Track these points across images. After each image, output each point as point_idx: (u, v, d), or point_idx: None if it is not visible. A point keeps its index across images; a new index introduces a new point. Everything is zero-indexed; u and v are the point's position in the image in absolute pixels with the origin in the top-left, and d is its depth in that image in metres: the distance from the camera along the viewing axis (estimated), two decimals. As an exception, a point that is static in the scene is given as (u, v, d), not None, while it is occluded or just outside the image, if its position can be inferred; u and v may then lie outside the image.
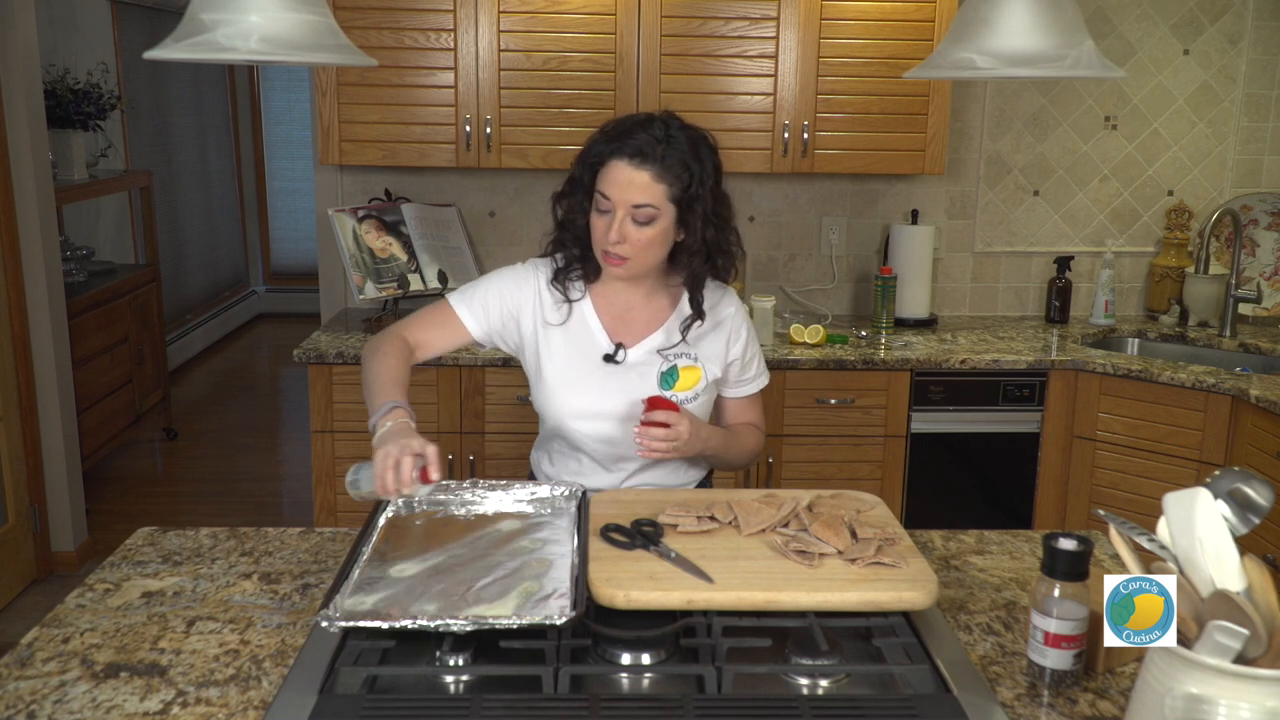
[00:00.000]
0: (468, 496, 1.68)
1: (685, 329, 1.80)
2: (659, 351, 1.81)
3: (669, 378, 1.80)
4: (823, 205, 3.51)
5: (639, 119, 1.73)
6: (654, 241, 1.71)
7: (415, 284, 3.15)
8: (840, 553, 1.45)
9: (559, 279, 1.81)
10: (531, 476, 2.00)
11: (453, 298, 1.83)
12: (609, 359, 1.80)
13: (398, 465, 1.46)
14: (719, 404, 1.93)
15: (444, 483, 1.65)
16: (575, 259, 1.80)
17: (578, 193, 1.76)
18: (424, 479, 1.49)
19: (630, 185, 1.67)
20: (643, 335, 1.81)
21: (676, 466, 1.87)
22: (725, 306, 1.86)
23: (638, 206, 1.68)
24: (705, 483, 1.96)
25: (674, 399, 1.79)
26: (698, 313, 1.79)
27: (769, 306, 3.09)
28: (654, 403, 1.72)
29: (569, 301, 1.81)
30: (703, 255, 1.74)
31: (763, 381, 1.93)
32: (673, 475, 1.88)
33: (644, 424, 1.69)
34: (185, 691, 1.25)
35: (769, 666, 1.31)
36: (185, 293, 6.56)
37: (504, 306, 1.82)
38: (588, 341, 1.81)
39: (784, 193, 3.50)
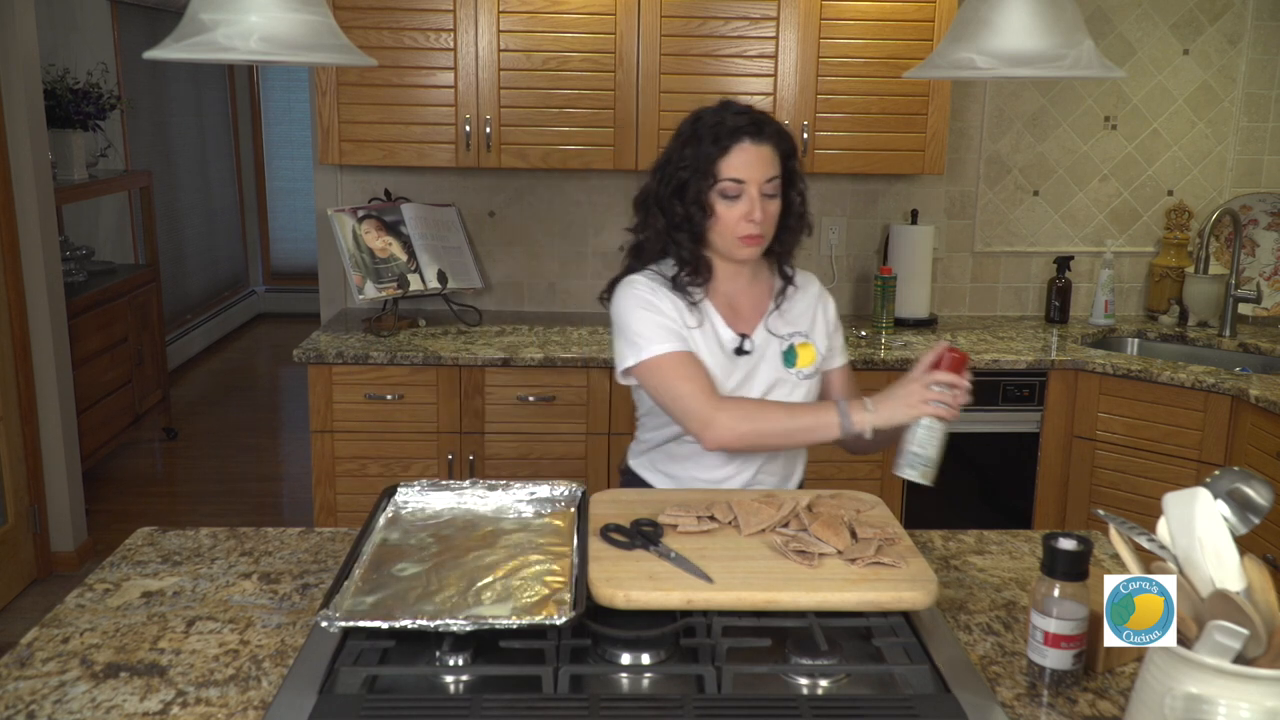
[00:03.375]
0: (468, 496, 1.68)
1: (779, 297, 1.85)
2: (774, 332, 1.84)
3: (790, 356, 1.84)
4: (823, 205, 3.51)
5: (713, 110, 1.77)
6: (777, 214, 1.77)
7: (415, 284, 3.15)
8: (840, 553, 1.45)
9: (680, 285, 1.80)
10: (624, 482, 1.99)
11: (661, 346, 1.74)
12: (739, 351, 1.82)
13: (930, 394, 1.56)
14: (827, 383, 1.93)
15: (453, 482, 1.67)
16: (687, 261, 1.80)
17: (693, 190, 1.75)
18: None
19: (760, 161, 1.73)
20: (755, 320, 1.85)
21: (789, 459, 1.89)
22: (811, 283, 1.92)
23: (769, 180, 1.73)
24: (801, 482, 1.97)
25: (798, 374, 1.83)
26: (789, 279, 1.86)
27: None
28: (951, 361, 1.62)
29: (694, 304, 1.81)
30: (801, 223, 1.82)
31: (848, 354, 1.98)
32: (785, 466, 1.89)
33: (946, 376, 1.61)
34: (185, 691, 1.25)
35: (769, 666, 1.31)
36: (185, 293, 6.56)
37: (677, 321, 1.78)
38: (717, 340, 1.82)
39: (784, 193, 3.50)
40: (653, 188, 1.81)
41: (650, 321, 1.76)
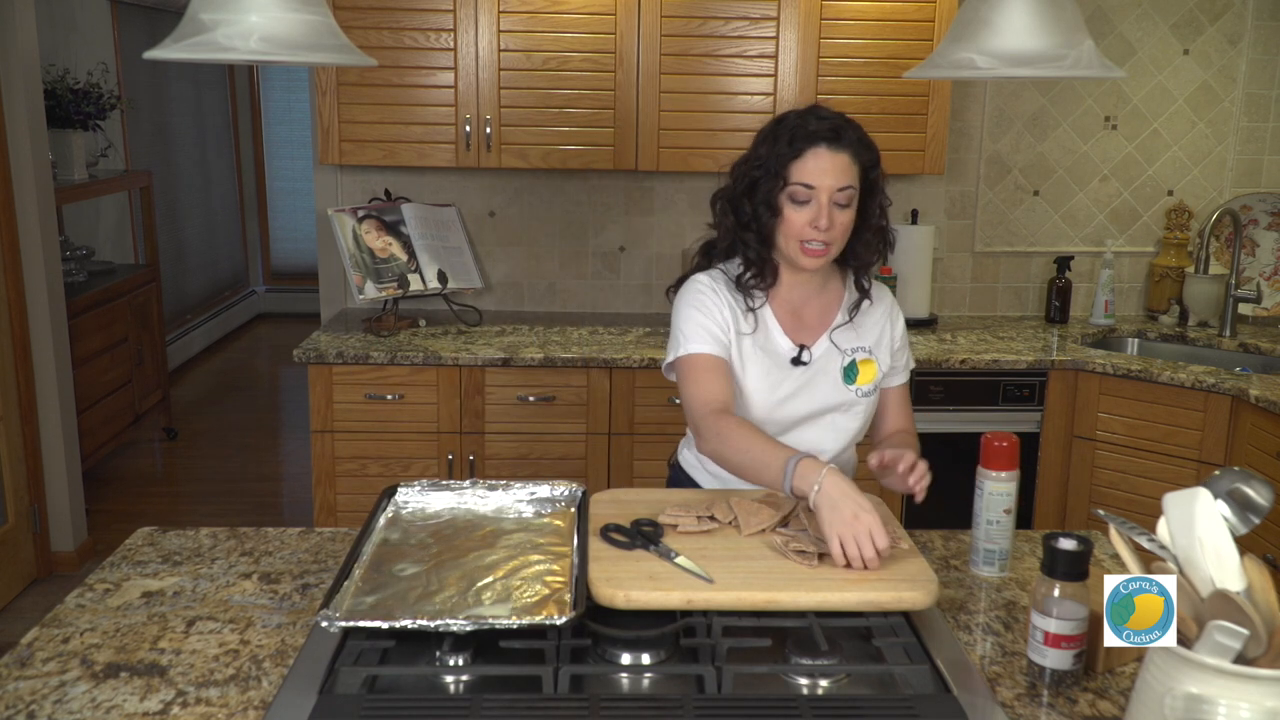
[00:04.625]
0: (468, 496, 1.68)
1: (853, 311, 1.81)
2: (838, 345, 1.80)
3: (850, 373, 1.80)
4: (823, 205, 3.51)
5: (797, 113, 1.72)
6: (849, 225, 1.71)
7: (415, 284, 3.15)
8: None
9: (742, 287, 1.78)
10: (672, 476, 1.98)
11: (693, 346, 1.75)
12: (796, 362, 1.79)
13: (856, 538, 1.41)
14: (881, 401, 1.89)
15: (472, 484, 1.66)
16: (753, 261, 1.77)
17: (763, 191, 1.72)
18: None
19: (834, 169, 1.67)
20: (819, 332, 1.81)
21: (844, 465, 1.87)
22: (883, 298, 1.87)
23: (841, 189, 1.68)
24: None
25: (858, 391, 1.80)
26: (865, 294, 1.81)
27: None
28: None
29: (752, 310, 1.78)
30: (881, 236, 1.77)
31: (910, 369, 1.92)
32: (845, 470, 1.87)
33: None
34: (185, 691, 1.25)
35: (769, 666, 1.31)
36: (185, 293, 6.56)
37: (723, 326, 1.77)
38: (773, 348, 1.79)
39: (784, 193, 3.49)
40: (728, 185, 1.79)
41: (694, 321, 1.76)
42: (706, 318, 1.76)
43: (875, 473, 1.68)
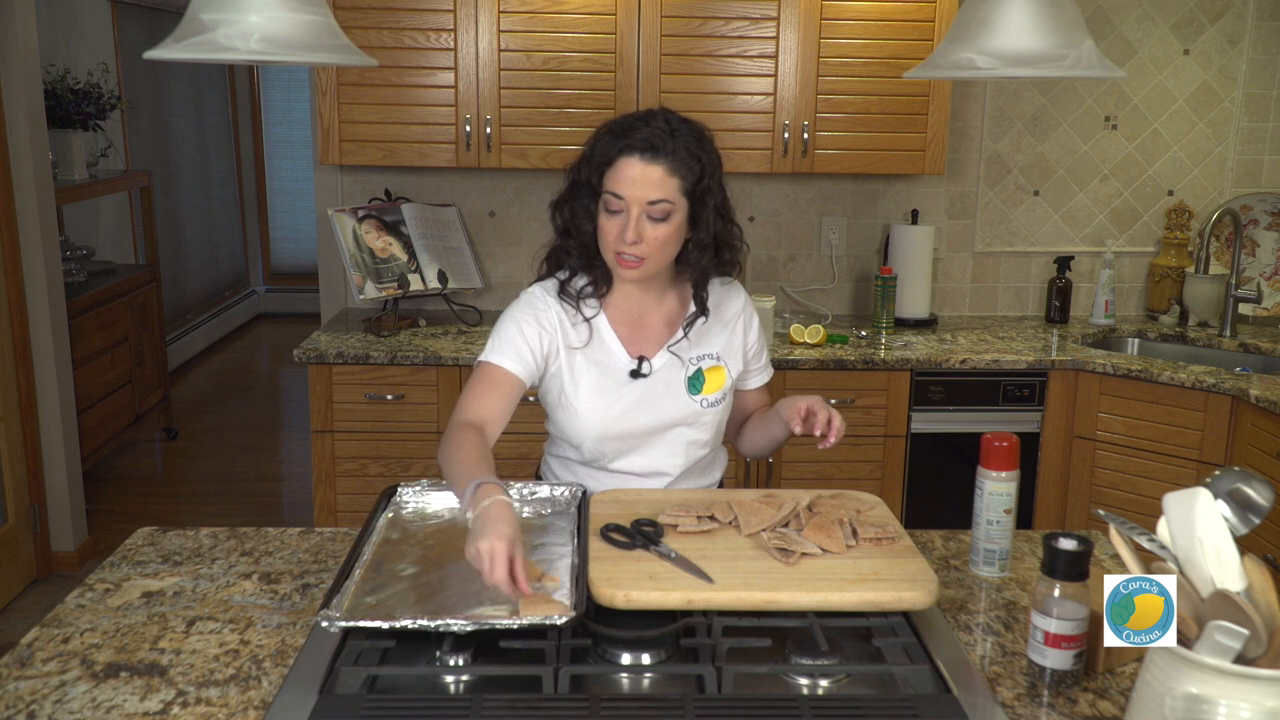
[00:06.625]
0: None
1: (688, 327, 1.76)
2: (679, 355, 1.76)
3: (696, 382, 1.76)
4: (823, 205, 3.51)
5: (639, 115, 1.69)
6: (669, 239, 1.66)
7: (415, 284, 3.15)
8: (824, 551, 1.45)
9: (568, 297, 1.74)
10: (537, 475, 1.97)
11: (489, 356, 1.72)
12: (635, 374, 1.75)
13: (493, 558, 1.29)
14: (740, 399, 1.89)
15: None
16: (578, 269, 1.74)
17: (582, 197, 1.70)
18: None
19: (644, 181, 1.62)
20: (661, 342, 1.76)
21: (702, 472, 1.86)
22: (733, 301, 1.82)
23: (653, 203, 1.62)
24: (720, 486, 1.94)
25: (703, 402, 1.77)
26: (701, 309, 1.75)
27: (769, 306, 3.08)
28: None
29: (586, 320, 1.74)
30: (711, 250, 1.71)
31: (771, 371, 1.93)
32: (700, 479, 1.86)
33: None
34: (185, 691, 1.25)
35: (769, 666, 1.31)
36: (185, 293, 6.56)
37: (540, 340, 1.72)
38: (610, 361, 1.74)
39: (784, 193, 3.50)
40: (561, 189, 1.75)
41: (507, 335, 1.72)
42: (521, 335, 1.71)
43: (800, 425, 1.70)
